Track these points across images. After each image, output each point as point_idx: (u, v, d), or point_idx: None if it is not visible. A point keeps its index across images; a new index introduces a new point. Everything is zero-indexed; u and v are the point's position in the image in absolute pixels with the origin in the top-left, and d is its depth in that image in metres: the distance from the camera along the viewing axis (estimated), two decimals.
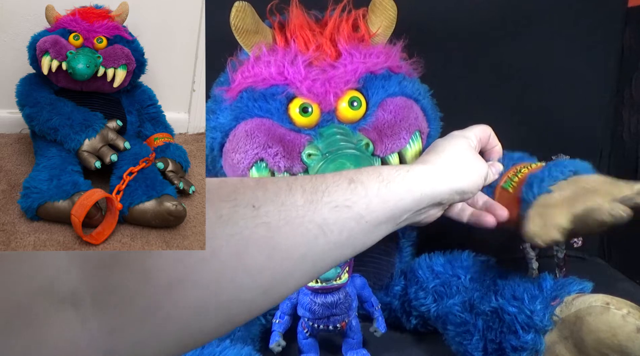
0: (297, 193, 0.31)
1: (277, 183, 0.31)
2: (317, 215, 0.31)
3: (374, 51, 0.54)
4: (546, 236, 0.44)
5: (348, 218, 0.32)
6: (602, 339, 0.39)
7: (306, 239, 0.30)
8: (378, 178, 0.35)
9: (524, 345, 0.42)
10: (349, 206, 0.32)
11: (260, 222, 0.28)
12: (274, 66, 0.52)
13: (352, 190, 0.33)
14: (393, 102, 0.54)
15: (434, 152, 0.44)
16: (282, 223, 0.29)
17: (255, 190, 0.29)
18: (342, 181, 0.33)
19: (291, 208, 0.30)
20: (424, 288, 0.55)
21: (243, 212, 0.28)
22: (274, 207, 0.29)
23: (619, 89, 0.76)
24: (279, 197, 0.30)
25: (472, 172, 0.43)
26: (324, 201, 0.31)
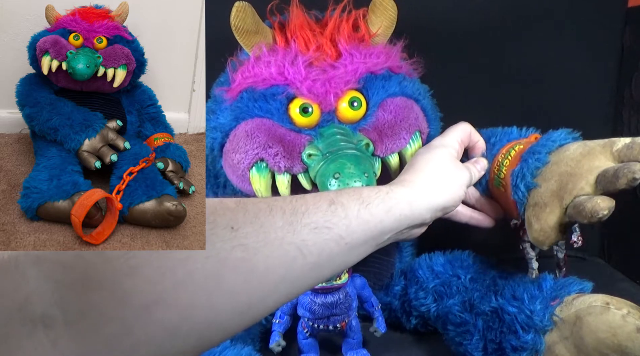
0: (277, 214, 0.31)
1: (257, 204, 0.31)
2: (297, 236, 0.31)
3: (374, 51, 0.54)
4: (548, 240, 0.44)
5: (328, 239, 0.32)
6: (602, 339, 0.39)
7: (284, 261, 0.30)
8: (358, 200, 0.35)
9: (523, 345, 0.42)
10: (329, 227, 0.32)
11: (238, 243, 0.28)
12: (274, 66, 0.52)
13: (332, 212, 0.33)
14: (393, 102, 0.54)
15: (412, 170, 0.44)
16: (261, 244, 0.29)
17: (235, 212, 0.29)
18: (322, 203, 0.33)
19: (270, 229, 0.30)
20: (424, 288, 0.55)
21: (221, 233, 0.28)
22: (253, 228, 0.29)
23: (619, 89, 0.76)
24: (258, 218, 0.30)
25: (451, 187, 0.43)
26: (304, 222, 0.31)
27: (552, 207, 0.44)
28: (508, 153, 0.51)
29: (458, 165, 0.46)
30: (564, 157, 0.46)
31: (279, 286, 0.30)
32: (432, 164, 0.45)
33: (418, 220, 0.40)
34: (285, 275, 0.30)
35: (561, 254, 0.71)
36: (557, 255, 0.71)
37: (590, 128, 0.78)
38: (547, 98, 0.77)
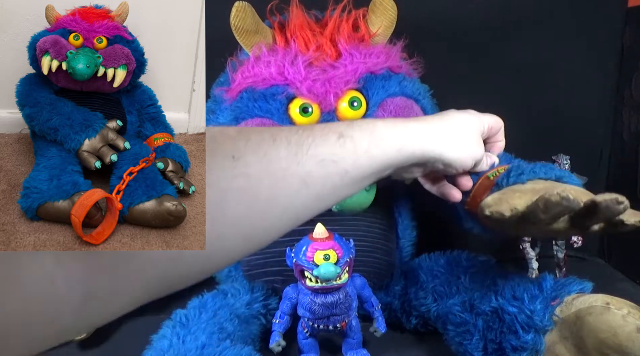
0: (281, 145, 0.30)
1: (260, 134, 0.30)
2: (301, 168, 0.30)
3: (374, 51, 0.54)
4: (495, 207, 0.42)
5: (332, 172, 0.32)
6: (603, 339, 0.39)
7: (287, 191, 0.30)
8: (370, 136, 0.34)
9: (524, 345, 0.42)
10: (335, 161, 0.32)
11: (240, 172, 0.28)
12: (274, 66, 0.52)
13: (341, 146, 0.33)
14: (393, 102, 0.54)
15: (440, 116, 0.43)
16: (263, 174, 0.29)
17: (236, 141, 0.29)
18: (331, 135, 0.32)
19: (273, 159, 0.29)
20: (424, 288, 0.55)
21: (222, 163, 0.27)
22: (255, 157, 0.29)
23: (619, 89, 0.76)
24: (261, 147, 0.29)
25: (466, 150, 0.43)
26: (309, 154, 0.31)
27: (524, 194, 0.43)
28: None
29: (479, 141, 0.45)
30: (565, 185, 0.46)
31: (282, 215, 0.30)
32: (462, 123, 0.43)
33: (424, 160, 0.39)
34: (289, 205, 0.30)
35: (561, 254, 0.71)
36: (557, 255, 0.71)
37: (590, 128, 0.78)
38: (547, 98, 0.77)
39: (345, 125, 0.34)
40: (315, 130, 0.32)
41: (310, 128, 0.32)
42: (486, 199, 0.44)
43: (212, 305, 0.55)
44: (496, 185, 0.47)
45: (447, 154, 0.41)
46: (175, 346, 0.46)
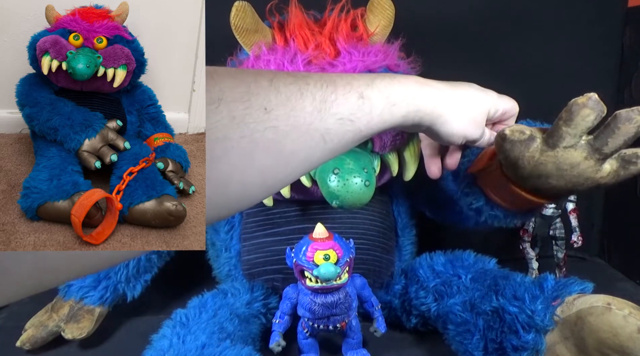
0: (307, 99, 0.32)
1: (289, 86, 0.31)
2: (322, 124, 0.32)
3: (372, 50, 0.55)
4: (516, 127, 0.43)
5: (348, 130, 0.34)
6: (604, 339, 0.39)
7: (308, 145, 0.32)
8: (387, 100, 0.36)
9: (524, 345, 0.42)
10: (352, 120, 0.34)
11: (270, 125, 0.29)
12: (273, 65, 0.52)
13: (359, 106, 0.34)
14: None
15: (455, 87, 0.44)
16: (290, 128, 0.30)
17: (268, 92, 0.30)
18: (352, 94, 0.34)
19: (300, 114, 0.31)
20: (424, 287, 0.55)
21: (255, 114, 0.29)
22: (284, 111, 0.30)
23: (619, 89, 0.76)
24: (290, 101, 0.31)
25: (459, 127, 0.43)
26: (331, 112, 0.33)
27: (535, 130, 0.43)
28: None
29: (480, 122, 0.45)
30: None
31: (300, 166, 0.32)
32: (470, 99, 0.44)
33: (424, 126, 0.41)
34: (306, 157, 0.32)
35: (561, 254, 0.71)
36: (557, 255, 0.71)
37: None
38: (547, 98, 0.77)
39: (365, 84, 0.36)
40: (338, 86, 0.34)
41: (333, 82, 0.34)
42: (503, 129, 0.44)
43: (212, 305, 0.55)
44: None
45: (441, 128, 0.42)
46: (176, 346, 0.46)
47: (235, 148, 0.27)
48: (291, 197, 0.54)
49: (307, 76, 0.34)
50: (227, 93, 0.28)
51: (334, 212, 0.58)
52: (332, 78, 0.35)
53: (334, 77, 0.35)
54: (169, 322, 0.54)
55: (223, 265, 0.67)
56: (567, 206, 0.71)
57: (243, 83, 0.29)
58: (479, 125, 0.45)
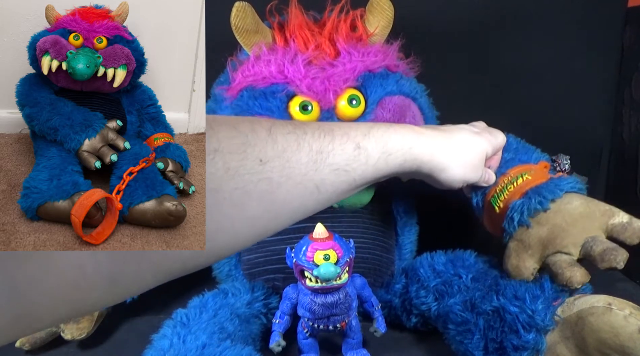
0: (303, 150, 0.32)
1: (287, 136, 0.32)
2: (317, 174, 0.32)
3: (372, 50, 0.55)
4: (519, 277, 0.48)
5: (343, 181, 0.34)
6: (604, 339, 0.39)
7: (302, 195, 0.32)
8: (383, 150, 0.37)
9: (525, 344, 0.42)
10: (347, 171, 0.34)
11: (264, 176, 0.29)
12: (274, 65, 0.52)
13: (355, 156, 0.35)
14: (392, 101, 0.54)
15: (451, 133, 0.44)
16: (284, 179, 0.30)
17: (265, 144, 0.30)
18: (348, 145, 0.35)
19: (295, 165, 0.31)
20: (425, 287, 0.55)
21: (250, 165, 0.29)
22: (280, 162, 0.30)
23: (619, 89, 0.76)
24: (286, 152, 0.31)
25: (459, 175, 0.45)
26: (327, 163, 0.33)
27: (534, 251, 0.47)
28: (515, 179, 0.52)
29: (479, 167, 0.48)
30: (564, 209, 0.48)
31: (293, 215, 0.32)
32: (468, 147, 0.45)
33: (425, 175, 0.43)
34: (299, 207, 0.32)
35: None
36: None
37: (590, 128, 0.78)
38: (547, 98, 0.77)
39: (362, 133, 0.36)
40: (336, 136, 0.34)
41: (331, 132, 0.34)
42: (507, 267, 0.49)
43: (212, 305, 0.55)
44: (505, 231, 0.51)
45: (440, 175, 0.43)
46: (176, 346, 0.46)
47: (227, 199, 0.28)
48: None
49: (305, 125, 0.33)
50: (223, 144, 0.28)
51: (333, 211, 0.58)
52: (330, 127, 0.35)
53: (332, 126, 0.35)
54: (169, 322, 0.54)
55: (223, 265, 0.67)
56: None
57: (241, 133, 0.29)
58: (478, 169, 0.47)
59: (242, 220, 0.29)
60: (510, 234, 0.51)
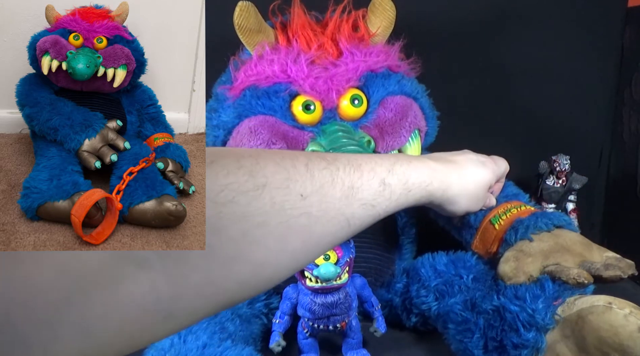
0: (337, 186, 0.34)
1: (322, 172, 0.33)
2: (349, 209, 0.34)
3: (374, 50, 0.55)
4: (515, 279, 0.48)
5: (370, 215, 0.36)
6: (604, 338, 0.39)
7: (335, 229, 0.33)
8: (404, 187, 0.40)
9: (525, 343, 0.42)
10: (374, 205, 0.36)
11: (304, 211, 0.31)
12: (277, 64, 0.52)
13: (381, 192, 0.37)
14: (394, 101, 0.54)
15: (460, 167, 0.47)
16: (321, 213, 0.32)
17: (305, 179, 0.32)
18: (374, 181, 0.37)
19: (331, 200, 0.33)
20: (425, 286, 0.55)
21: (293, 200, 0.30)
22: (318, 197, 0.32)
23: (619, 89, 0.76)
24: (323, 188, 0.32)
25: (466, 205, 0.49)
26: (357, 197, 0.35)
27: (535, 259, 0.48)
28: (518, 206, 0.56)
29: (484, 197, 0.51)
30: (565, 234, 0.51)
31: (324, 249, 0.34)
32: (476, 180, 0.49)
33: (433, 206, 0.46)
34: (332, 241, 0.34)
35: None
36: None
37: (590, 128, 0.78)
38: (547, 98, 0.77)
39: (386, 170, 0.38)
40: (364, 172, 0.36)
41: (359, 167, 0.36)
42: (503, 268, 0.50)
43: None
44: (505, 241, 0.52)
45: (448, 207, 0.47)
46: (177, 345, 0.46)
47: (272, 233, 0.29)
48: None
49: (336, 160, 0.35)
50: (270, 179, 0.29)
51: None
52: (358, 162, 0.37)
53: (359, 160, 0.37)
54: None
55: None
56: (568, 206, 0.71)
57: (284, 169, 0.31)
58: (481, 200, 0.51)
59: (285, 253, 0.30)
60: (510, 245, 0.52)
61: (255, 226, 0.28)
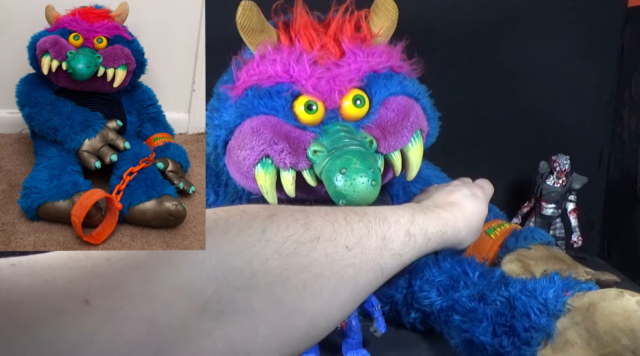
0: (372, 237, 0.36)
1: (359, 224, 0.36)
2: (382, 259, 0.36)
3: (376, 51, 0.55)
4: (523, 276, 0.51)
5: (398, 264, 0.39)
6: (616, 322, 0.39)
7: (372, 279, 0.36)
8: (424, 236, 0.42)
9: (535, 326, 0.42)
10: (401, 255, 0.39)
11: (350, 262, 0.33)
12: (279, 64, 0.52)
13: (406, 242, 0.39)
14: (396, 101, 0.54)
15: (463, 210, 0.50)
16: (362, 264, 0.34)
17: (347, 231, 0.34)
18: (401, 232, 0.39)
19: (369, 252, 0.35)
20: (429, 282, 0.55)
21: (341, 252, 0.32)
22: (359, 249, 0.34)
23: (619, 89, 0.76)
24: (362, 239, 0.35)
25: (469, 243, 0.52)
26: (388, 248, 0.37)
27: (537, 262, 0.53)
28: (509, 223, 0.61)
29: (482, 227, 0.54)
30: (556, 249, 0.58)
31: (362, 298, 0.36)
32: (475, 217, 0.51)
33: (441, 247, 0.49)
34: (369, 290, 0.36)
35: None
36: None
37: (590, 128, 0.78)
38: (547, 98, 0.77)
39: (409, 221, 0.41)
40: (391, 224, 0.38)
41: (385, 219, 0.38)
42: (511, 267, 0.53)
43: None
44: (505, 247, 0.56)
45: (459, 247, 0.51)
46: None
47: (327, 284, 0.30)
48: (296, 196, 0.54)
49: (366, 213, 0.37)
50: (321, 232, 0.31)
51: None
52: (384, 214, 0.39)
53: (384, 212, 0.39)
54: None
55: None
56: (567, 206, 0.71)
57: (329, 222, 0.33)
58: (479, 231, 0.53)
59: (337, 304, 0.32)
60: (510, 250, 0.55)
61: (313, 277, 0.29)
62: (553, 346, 0.43)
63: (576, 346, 0.42)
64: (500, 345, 0.45)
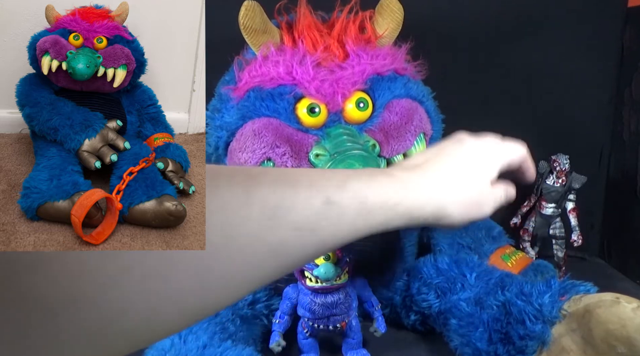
0: (255, 206, 0.27)
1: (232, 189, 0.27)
2: (274, 236, 0.28)
3: (380, 53, 0.54)
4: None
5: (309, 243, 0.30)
6: (611, 330, 0.39)
7: (250, 262, 0.27)
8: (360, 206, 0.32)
9: (531, 334, 0.42)
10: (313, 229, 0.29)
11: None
12: (282, 66, 0.52)
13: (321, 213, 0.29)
14: (399, 104, 0.54)
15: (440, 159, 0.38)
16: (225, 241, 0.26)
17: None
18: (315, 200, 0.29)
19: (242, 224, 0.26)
20: (427, 284, 0.55)
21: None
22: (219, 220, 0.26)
23: (619, 89, 0.76)
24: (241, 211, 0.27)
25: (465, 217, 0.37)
26: (287, 220, 0.28)
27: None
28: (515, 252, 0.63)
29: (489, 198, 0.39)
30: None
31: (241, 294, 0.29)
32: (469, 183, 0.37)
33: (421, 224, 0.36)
34: (258, 277, 0.28)
35: (561, 253, 0.71)
36: (557, 254, 0.71)
37: (590, 128, 0.78)
38: (547, 98, 0.77)
39: (335, 186, 0.31)
40: (300, 190, 0.29)
41: (294, 184, 0.29)
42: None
43: None
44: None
45: (437, 224, 0.36)
46: (177, 345, 0.46)
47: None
48: None
49: (263, 173, 0.29)
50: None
51: None
52: (295, 176, 0.29)
53: (297, 175, 0.30)
54: None
55: None
56: (567, 205, 0.71)
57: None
58: (485, 204, 0.38)
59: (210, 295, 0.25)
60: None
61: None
62: (548, 354, 0.43)
63: (572, 353, 0.42)
64: (495, 353, 0.45)
